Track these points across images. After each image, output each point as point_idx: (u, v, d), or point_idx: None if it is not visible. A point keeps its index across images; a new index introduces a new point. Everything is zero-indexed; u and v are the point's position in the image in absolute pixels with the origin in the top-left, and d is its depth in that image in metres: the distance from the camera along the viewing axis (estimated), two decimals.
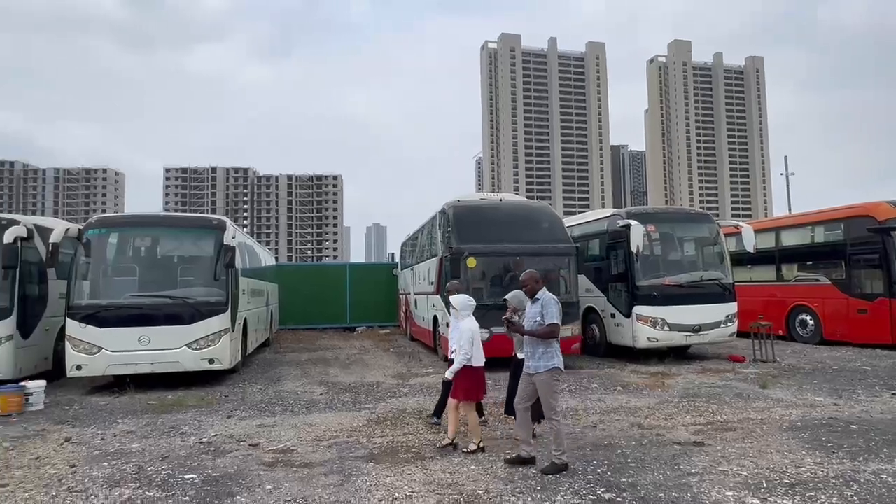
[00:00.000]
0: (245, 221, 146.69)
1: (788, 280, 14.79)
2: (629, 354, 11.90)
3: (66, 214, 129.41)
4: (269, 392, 9.16)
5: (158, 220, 11.34)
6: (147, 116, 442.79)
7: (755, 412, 7.14)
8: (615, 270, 12.13)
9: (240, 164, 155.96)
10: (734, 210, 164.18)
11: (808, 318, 14.14)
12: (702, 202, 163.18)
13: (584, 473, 4.91)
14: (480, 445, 5.60)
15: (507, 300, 5.75)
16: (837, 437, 5.90)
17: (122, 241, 10.19)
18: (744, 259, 14.60)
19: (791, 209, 37.50)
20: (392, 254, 25.80)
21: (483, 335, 9.32)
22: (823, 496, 4.32)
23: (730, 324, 11.83)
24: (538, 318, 5.17)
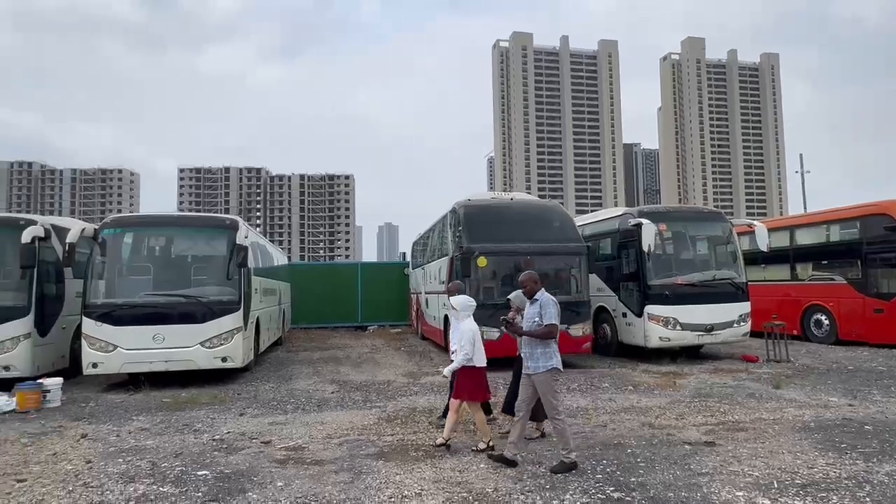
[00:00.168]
0: (258, 221, 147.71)
1: (803, 279, 14.63)
2: (641, 354, 11.84)
3: (83, 214, 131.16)
4: (281, 390, 9.24)
5: (172, 220, 11.48)
6: (161, 117, 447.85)
7: (768, 412, 7.08)
8: (627, 269, 12.06)
9: (252, 164, 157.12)
10: (748, 209, 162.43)
11: (823, 318, 13.98)
12: (716, 201, 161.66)
13: (594, 472, 4.91)
14: (490, 444, 5.62)
15: (510, 300, 5.75)
16: (851, 438, 5.84)
17: (137, 241, 10.33)
18: (757, 258, 14.46)
19: (806, 208, 37.05)
20: (403, 253, 25.90)
21: (493, 334, 9.41)
22: (835, 497, 4.29)
23: (743, 323, 11.73)
24: (536, 319, 5.18)
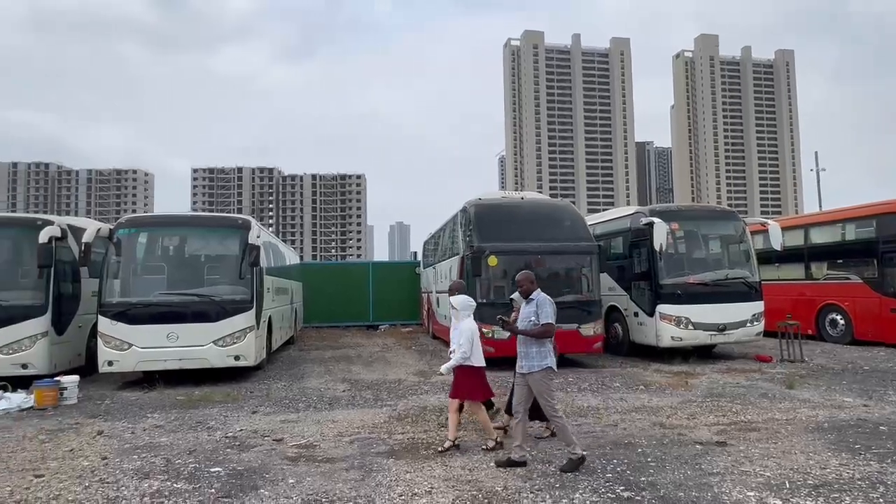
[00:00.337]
0: (270, 221, 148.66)
1: (818, 278, 14.47)
2: (652, 354, 11.78)
3: (99, 214, 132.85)
4: (293, 389, 9.31)
5: (186, 220, 11.61)
6: (174, 117, 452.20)
7: (780, 413, 7.02)
8: (638, 269, 12.01)
9: (265, 164, 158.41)
10: (763, 207, 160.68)
11: (839, 318, 13.82)
12: (729, 199, 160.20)
13: (604, 472, 4.90)
14: (498, 441, 5.63)
15: (513, 300, 5.76)
16: (865, 439, 5.78)
17: (151, 241, 10.45)
18: (772, 257, 14.32)
19: (822, 206, 36.58)
20: (414, 252, 25.94)
21: (504, 334, 9.41)
22: (848, 498, 4.25)
23: (756, 323, 11.63)
24: (532, 318, 5.19)
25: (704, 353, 12.09)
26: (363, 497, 4.42)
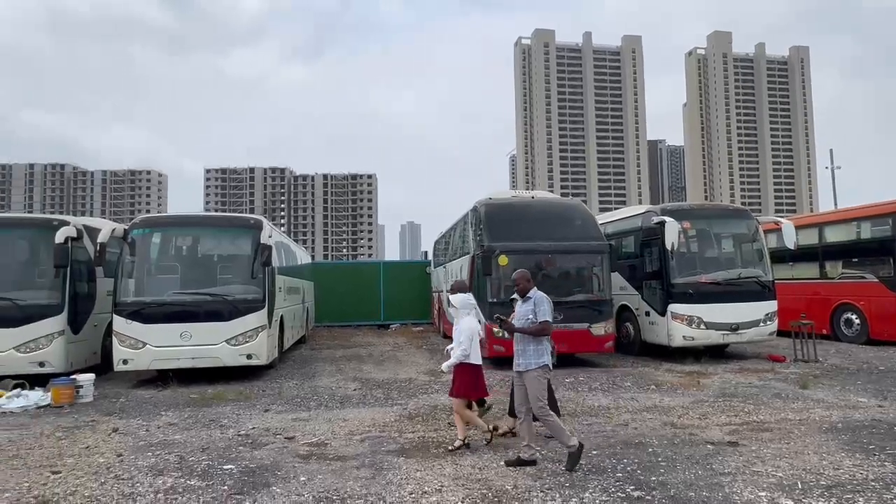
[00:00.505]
0: (282, 220, 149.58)
1: (833, 278, 14.31)
2: (664, 353, 11.72)
3: (113, 215, 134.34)
4: (305, 387, 9.37)
5: (199, 220, 11.73)
6: (187, 119, 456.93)
7: (794, 413, 6.97)
8: (650, 268, 11.95)
9: (277, 165, 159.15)
10: (777, 206, 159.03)
11: (854, 317, 13.65)
12: (743, 198, 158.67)
13: (614, 471, 4.90)
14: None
15: (514, 299, 5.77)
16: (880, 440, 5.72)
17: (165, 241, 10.57)
18: (785, 256, 14.18)
19: (837, 204, 36.13)
20: (425, 252, 26.01)
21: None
22: (861, 499, 4.21)
23: (769, 322, 11.53)
24: (530, 316, 5.19)
25: (717, 353, 12.00)
26: (374, 495, 4.45)
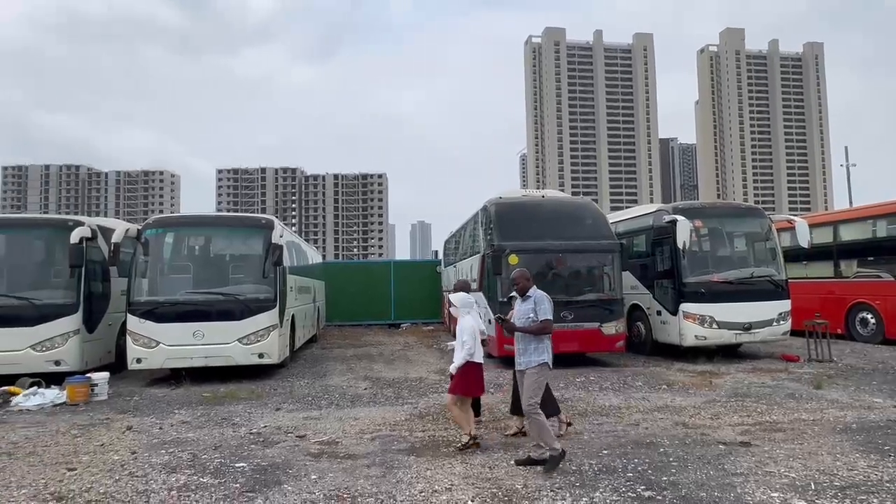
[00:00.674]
0: (293, 220, 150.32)
1: (847, 276, 14.14)
2: (676, 353, 11.64)
3: (127, 215, 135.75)
4: (316, 386, 9.42)
5: (211, 220, 11.84)
6: (199, 119, 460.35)
7: (807, 413, 6.90)
8: (661, 267, 11.88)
9: (288, 165, 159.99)
10: (791, 204, 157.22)
11: (869, 317, 13.49)
12: (756, 196, 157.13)
13: (625, 471, 4.88)
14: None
15: (513, 297, 5.76)
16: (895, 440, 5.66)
17: (178, 241, 10.67)
18: (799, 255, 14.04)
19: (852, 202, 35.67)
20: (436, 251, 26.02)
21: None
22: (876, 500, 4.17)
23: (783, 322, 11.42)
24: (531, 315, 5.19)
25: (729, 353, 11.90)
26: (384, 493, 4.47)
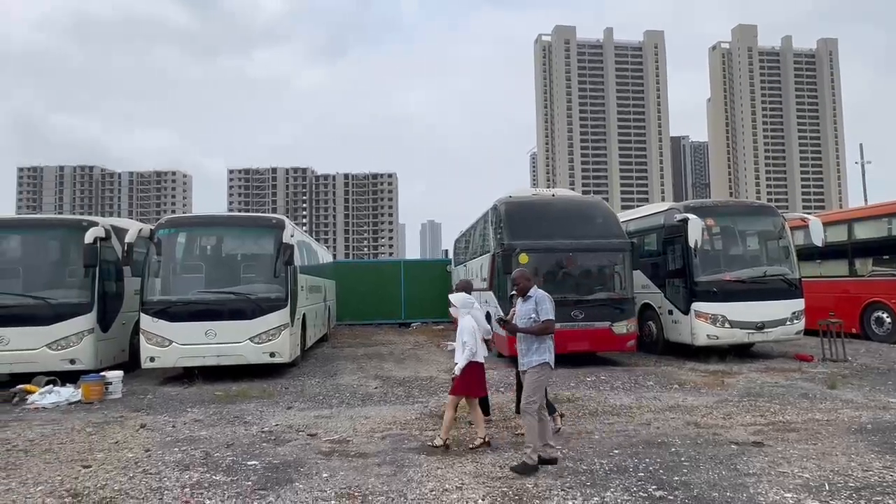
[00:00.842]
0: (304, 220, 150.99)
1: (862, 275, 13.97)
2: (687, 352, 11.57)
3: (140, 215, 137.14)
4: (327, 385, 9.46)
5: (222, 220, 11.92)
6: (210, 119, 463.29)
7: (821, 413, 6.83)
8: (673, 266, 11.81)
9: (299, 165, 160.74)
10: (805, 202, 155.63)
11: (885, 316, 13.32)
12: (770, 194, 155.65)
13: (636, 471, 4.86)
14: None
15: (513, 295, 5.75)
16: None
17: (190, 240, 10.77)
18: (813, 253, 13.89)
19: (867, 200, 35.20)
20: (446, 251, 26.04)
21: None
22: (892, 501, 4.12)
23: (796, 321, 11.30)
24: (532, 315, 5.17)
25: (742, 352, 11.81)
26: (395, 492, 4.49)
